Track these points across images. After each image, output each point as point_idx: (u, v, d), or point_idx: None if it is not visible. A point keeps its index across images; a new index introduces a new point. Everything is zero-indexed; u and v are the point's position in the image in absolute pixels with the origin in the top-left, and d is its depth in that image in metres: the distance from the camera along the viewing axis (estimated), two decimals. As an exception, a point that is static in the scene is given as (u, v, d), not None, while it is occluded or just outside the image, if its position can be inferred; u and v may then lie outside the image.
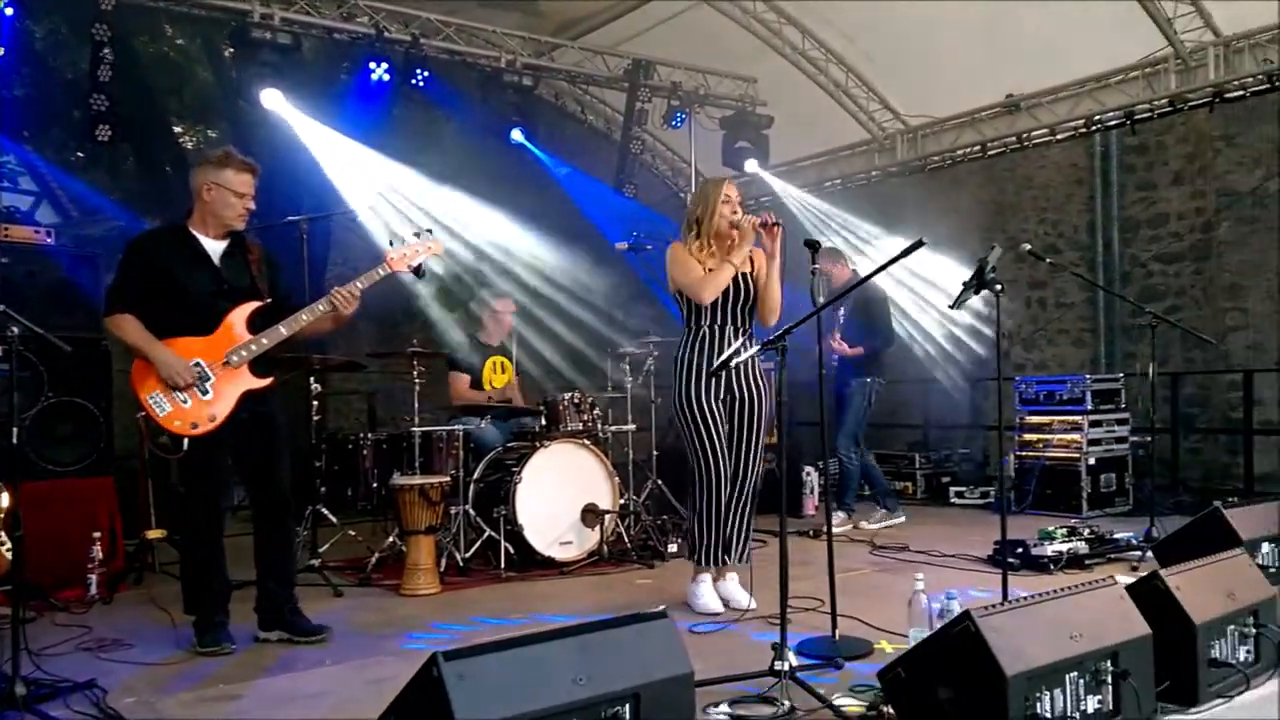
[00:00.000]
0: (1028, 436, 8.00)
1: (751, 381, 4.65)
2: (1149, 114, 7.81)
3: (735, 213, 4.62)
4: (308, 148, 7.80)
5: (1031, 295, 9.82)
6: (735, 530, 4.66)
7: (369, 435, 6.98)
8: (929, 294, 9.13)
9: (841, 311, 7.05)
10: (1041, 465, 7.79)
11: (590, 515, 5.92)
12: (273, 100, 7.23)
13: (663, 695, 2.65)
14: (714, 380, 4.54)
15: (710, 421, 4.55)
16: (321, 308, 4.14)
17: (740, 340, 4.59)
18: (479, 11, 8.56)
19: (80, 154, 8.99)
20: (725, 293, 4.54)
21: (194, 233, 4.15)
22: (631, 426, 6.62)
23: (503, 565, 5.66)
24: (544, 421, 6.16)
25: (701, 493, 4.59)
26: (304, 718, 3.33)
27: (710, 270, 4.54)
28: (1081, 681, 2.82)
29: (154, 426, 3.95)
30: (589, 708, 2.52)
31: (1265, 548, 4.77)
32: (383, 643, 4.23)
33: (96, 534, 5.28)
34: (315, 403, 5.89)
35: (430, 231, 4.35)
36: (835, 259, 7.28)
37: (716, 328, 4.59)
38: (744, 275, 4.60)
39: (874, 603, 4.55)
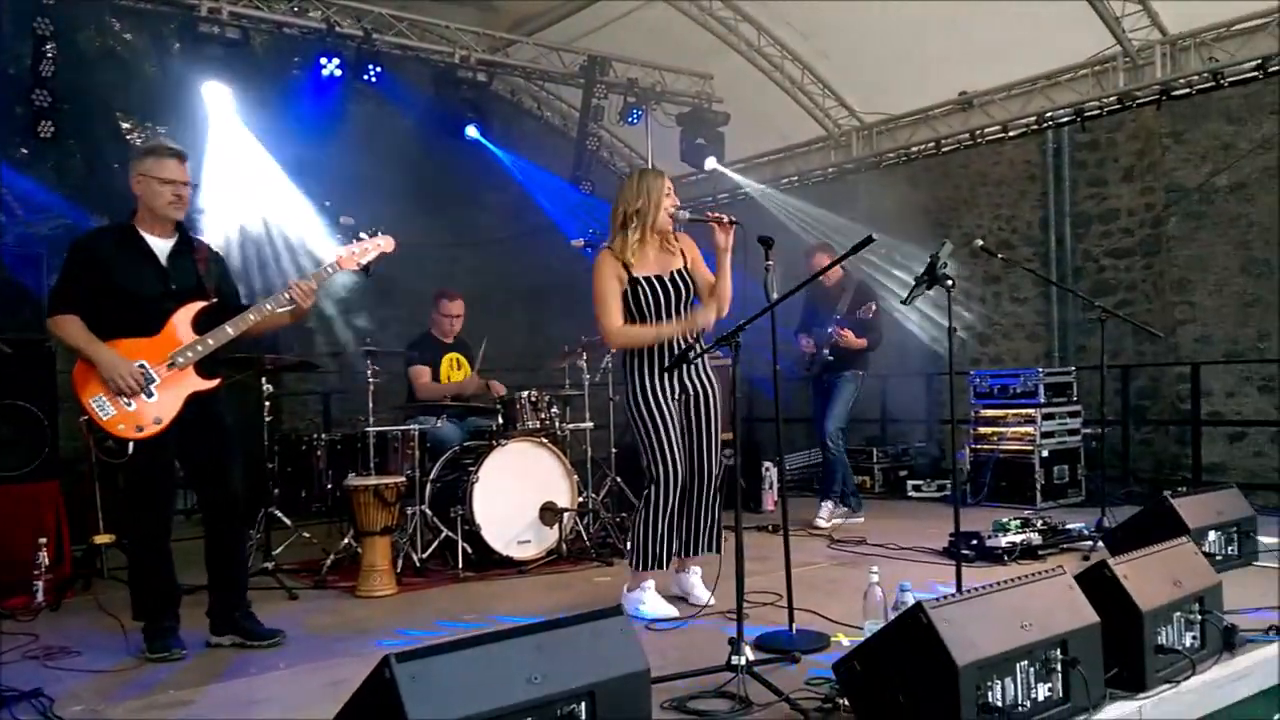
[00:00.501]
0: (982, 430, 8.09)
1: (703, 375, 4.61)
2: (1098, 111, 7.93)
3: (675, 205, 4.55)
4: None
5: (987, 290, 9.92)
6: (702, 524, 4.62)
7: (323, 436, 6.90)
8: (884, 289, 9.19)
9: (873, 306, 6.91)
10: (996, 458, 7.88)
11: (548, 514, 5.89)
12: (215, 94, 7.14)
13: (618, 692, 2.64)
14: (667, 377, 4.48)
15: (664, 420, 4.46)
16: (269, 307, 4.09)
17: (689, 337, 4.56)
18: (432, 7, 8.50)
19: (25, 150, 8.81)
20: (665, 294, 4.49)
21: (141, 232, 4.09)
22: (589, 424, 6.61)
23: (460, 565, 5.62)
24: (501, 420, 6.11)
25: (656, 492, 4.47)
26: (256, 721, 3.28)
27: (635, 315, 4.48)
28: (1032, 670, 2.86)
29: (98, 430, 3.87)
30: (544, 706, 2.51)
31: (1212, 535, 4.87)
32: (338, 645, 4.17)
33: (43, 540, 5.19)
34: (268, 403, 5.81)
35: (379, 230, 4.30)
36: (831, 254, 7.11)
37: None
38: (679, 271, 4.54)
39: (831, 596, 4.56)
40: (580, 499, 6.20)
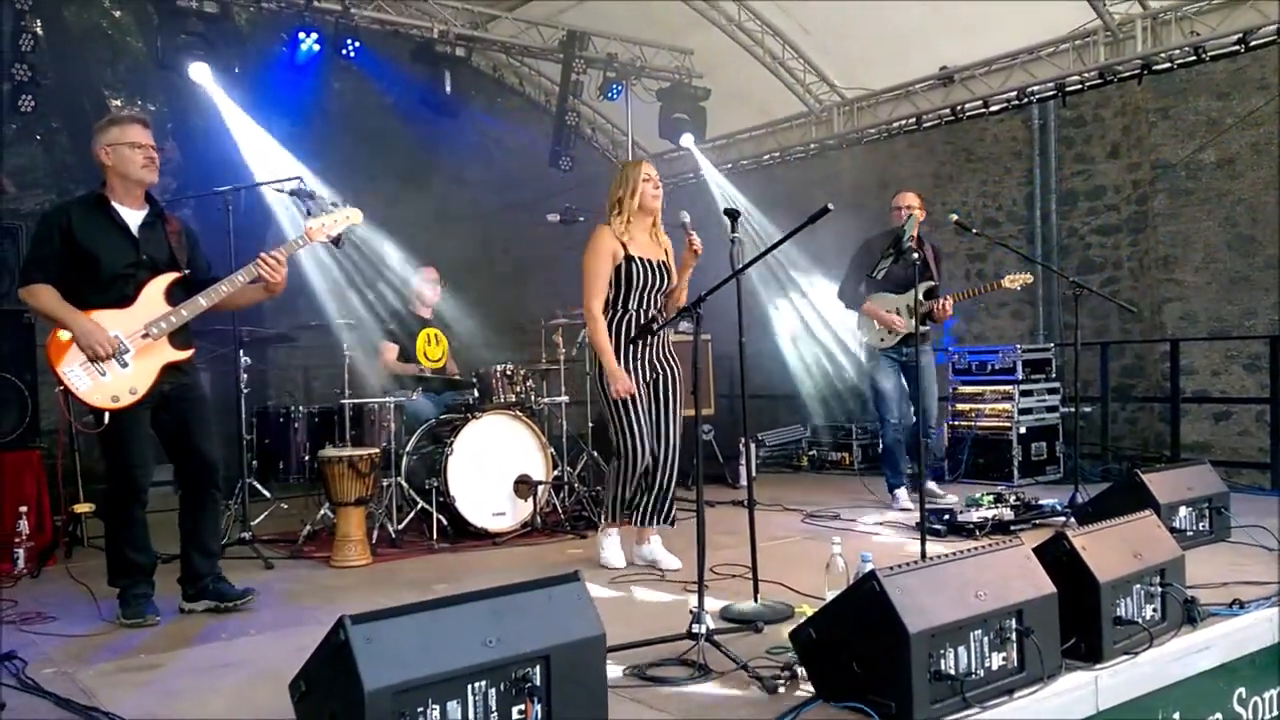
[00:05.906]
0: (960, 406, 8.07)
1: (669, 356, 4.99)
2: (1080, 86, 7.88)
3: (657, 188, 4.90)
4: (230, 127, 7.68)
5: (971, 268, 9.92)
6: (662, 496, 4.94)
7: (300, 408, 6.92)
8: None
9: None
10: (974, 435, 7.88)
11: (523, 487, 5.94)
12: (201, 74, 7.10)
13: (573, 657, 2.67)
14: (637, 359, 4.82)
15: (635, 400, 4.80)
16: (240, 279, 4.10)
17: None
18: (410, -19, 8.42)
19: (13, 126, 8.79)
20: (651, 277, 4.85)
21: (112, 202, 4.09)
22: (565, 398, 6.64)
23: (435, 537, 5.66)
24: (476, 393, 6.14)
25: (623, 465, 4.85)
26: (221, 686, 3.31)
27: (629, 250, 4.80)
28: (986, 639, 2.88)
29: (74, 402, 3.88)
30: (499, 669, 2.54)
31: (1183, 511, 4.89)
32: (308, 613, 4.22)
33: (24, 508, 5.25)
34: (245, 375, 5.82)
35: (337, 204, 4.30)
36: (918, 194, 6.64)
37: (641, 310, 4.87)
38: (663, 264, 4.93)
39: (799, 568, 4.59)
40: (555, 472, 6.23)
